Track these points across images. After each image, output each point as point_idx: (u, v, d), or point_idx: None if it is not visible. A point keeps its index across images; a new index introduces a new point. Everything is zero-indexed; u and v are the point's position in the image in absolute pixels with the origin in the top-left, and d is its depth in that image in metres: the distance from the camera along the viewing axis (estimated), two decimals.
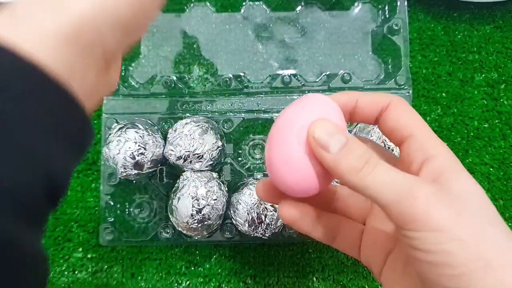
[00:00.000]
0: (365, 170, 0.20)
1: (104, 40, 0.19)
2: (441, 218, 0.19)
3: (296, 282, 0.41)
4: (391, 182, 0.20)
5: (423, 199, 0.19)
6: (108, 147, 0.37)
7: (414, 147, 0.23)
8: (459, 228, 0.19)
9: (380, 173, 0.20)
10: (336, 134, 0.21)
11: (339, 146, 0.21)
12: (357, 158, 0.21)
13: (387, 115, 0.24)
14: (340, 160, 0.21)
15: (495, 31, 0.46)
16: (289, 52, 0.43)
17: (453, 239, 0.19)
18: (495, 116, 0.44)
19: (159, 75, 0.43)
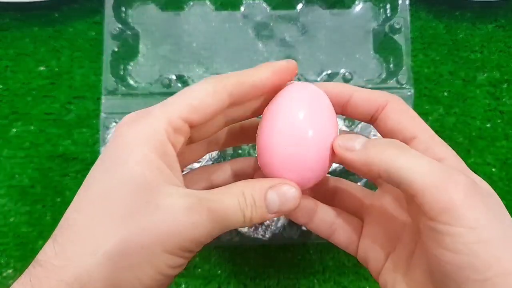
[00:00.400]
0: (395, 152, 0.20)
1: (154, 260, 0.19)
2: (477, 214, 0.18)
3: (296, 284, 0.40)
4: (429, 165, 0.19)
5: (463, 189, 0.18)
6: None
7: (419, 149, 0.22)
8: (489, 228, 0.18)
9: (415, 154, 0.19)
10: (358, 138, 0.22)
11: (362, 143, 0.21)
12: (384, 143, 0.20)
13: (386, 115, 0.23)
14: (367, 150, 0.21)
15: (497, 30, 0.45)
16: (289, 51, 0.43)
17: (482, 240, 0.18)
18: (497, 115, 0.44)
19: (158, 74, 0.43)
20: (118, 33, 0.41)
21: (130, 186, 0.19)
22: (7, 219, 0.42)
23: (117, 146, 0.20)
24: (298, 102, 0.22)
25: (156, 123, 0.20)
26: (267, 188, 0.21)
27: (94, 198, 0.19)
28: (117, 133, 0.20)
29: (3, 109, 0.44)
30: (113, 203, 0.19)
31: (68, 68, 0.44)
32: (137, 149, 0.19)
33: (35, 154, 0.43)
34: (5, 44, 0.45)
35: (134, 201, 0.19)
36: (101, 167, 0.20)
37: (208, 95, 0.21)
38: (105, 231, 0.18)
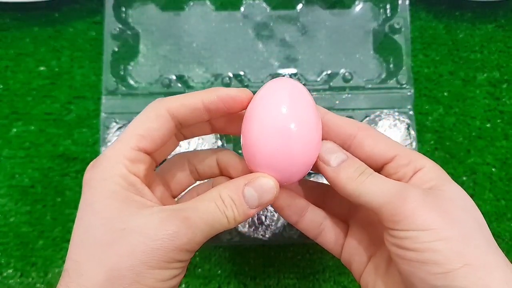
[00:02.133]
0: (360, 179, 0.23)
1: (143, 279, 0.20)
2: (429, 218, 0.20)
3: (296, 284, 0.40)
4: (383, 187, 0.22)
5: (412, 200, 0.21)
6: (107, 146, 0.36)
7: (402, 163, 0.24)
8: (446, 228, 0.20)
9: (373, 180, 0.23)
10: (337, 152, 0.24)
11: (338, 161, 0.24)
12: (353, 170, 0.23)
13: (360, 142, 0.25)
14: (339, 172, 0.23)
15: (497, 30, 0.45)
16: (289, 51, 0.43)
17: (440, 238, 0.20)
18: (497, 115, 0.44)
19: (158, 74, 0.43)
20: (118, 33, 0.41)
21: (103, 222, 0.21)
22: (7, 219, 0.42)
23: (85, 192, 0.22)
24: (279, 97, 0.22)
25: (113, 161, 0.22)
26: (243, 185, 0.23)
27: (78, 241, 0.21)
28: (84, 181, 0.22)
29: (3, 109, 0.44)
30: (94, 240, 0.21)
31: (68, 68, 0.44)
32: (102, 190, 0.21)
33: (35, 154, 0.43)
34: (5, 44, 0.45)
35: (110, 233, 0.20)
36: (79, 214, 0.22)
37: (152, 121, 0.23)
38: (93, 265, 0.20)
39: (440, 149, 0.43)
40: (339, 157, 0.24)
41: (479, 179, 0.42)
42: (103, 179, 0.21)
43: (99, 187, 0.21)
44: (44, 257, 0.41)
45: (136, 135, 0.22)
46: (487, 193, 0.42)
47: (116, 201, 0.21)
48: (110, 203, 0.21)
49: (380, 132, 0.25)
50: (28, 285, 0.41)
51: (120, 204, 0.21)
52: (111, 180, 0.21)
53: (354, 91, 0.40)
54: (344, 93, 0.40)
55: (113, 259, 0.20)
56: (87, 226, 0.21)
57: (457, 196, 0.22)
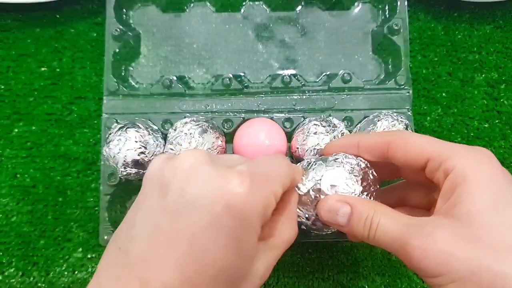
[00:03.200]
0: (371, 234, 0.24)
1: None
2: (434, 266, 0.21)
3: (295, 282, 0.41)
4: (389, 240, 0.23)
5: (414, 253, 0.21)
6: (108, 146, 0.36)
7: (434, 167, 0.23)
8: (452, 269, 0.20)
9: (380, 234, 0.23)
10: (340, 208, 0.25)
11: (346, 218, 0.25)
12: (362, 227, 0.24)
13: (393, 154, 0.25)
14: (352, 231, 0.25)
15: (495, 31, 0.46)
16: (289, 52, 0.43)
17: (451, 280, 0.20)
18: (495, 116, 0.44)
19: (159, 75, 0.43)
20: (119, 34, 0.41)
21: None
22: (9, 219, 0.42)
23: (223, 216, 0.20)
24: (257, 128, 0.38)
25: (269, 196, 0.22)
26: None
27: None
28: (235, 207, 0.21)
29: (5, 109, 0.44)
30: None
31: (69, 68, 0.45)
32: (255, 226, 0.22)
33: (36, 154, 0.43)
34: (7, 45, 0.45)
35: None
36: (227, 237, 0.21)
37: (287, 175, 0.25)
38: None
39: None
40: (344, 213, 0.25)
41: None
42: (247, 223, 0.21)
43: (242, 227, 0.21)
44: (46, 257, 0.41)
45: (282, 183, 0.24)
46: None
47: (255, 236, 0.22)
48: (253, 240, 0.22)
49: (413, 135, 0.25)
50: (30, 284, 0.41)
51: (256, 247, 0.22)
52: (252, 228, 0.22)
53: (353, 92, 0.41)
54: (343, 94, 0.41)
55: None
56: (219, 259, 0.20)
57: (471, 216, 0.21)
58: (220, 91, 0.41)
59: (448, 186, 0.22)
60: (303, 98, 0.41)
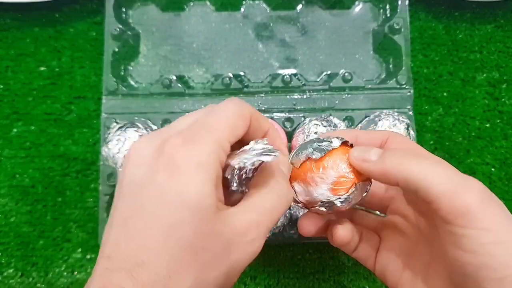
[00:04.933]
0: (412, 161, 0.21)
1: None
2: (492, 217, 0.19)
3: (296, 283, 0.41)
4: (445, 172, 0.20)
5: (478, 194, 0.19)
6: (107, 146, 0.36)
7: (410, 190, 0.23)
8: (505, 230, 0.19)
9: (431, 162, 0.21)
10: (372, 149, 0.23)
11: (378, 154, 0.22)
12: (399, 154, 0.21)
13: (388, 148, 0.25)
14: (383, 161, 0.22)
15: (496, 30, 0.45)
16: (289, 52, 0.43)
17: (499, 241, 0.19)
18: (496, 115, 0.44)
19: (158, 75, 0.43)
20: (119, 34, 0.41)
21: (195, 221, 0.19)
22: (8, 219, 0.42)
23: (174, 172, 0.19)
24: None
25: (210, 147, 0.20)
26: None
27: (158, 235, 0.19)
28: (171, 157, 0.20)
29: (4, 109, 0.44)
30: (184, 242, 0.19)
31: (68, 68, 0.44)
32: (197, 177, 0.19)
33: (36, 154, 0.43)
34: (6, 44, 0.45)
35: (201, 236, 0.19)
36: (160, 198, 0.19)
37: (239, 119, 0.22)
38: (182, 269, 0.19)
39: (439, 149, 0.43)
40: (376, 152, 0.23)
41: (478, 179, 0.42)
42: (199, 164, 0.19)
43: (194, 173, 0.19)
44: (45, 257, 0.41)
45: (229, 127, 0.21)
46: None
47: (209, 197, 0.19)
48: (204, 198, 0.19)
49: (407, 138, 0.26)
50: (29, 285, 0.41)
51: (214, 201, 0.19)
52: (208, 167, 0.19)
53: (353, 91, 0.40)
54: (344, 93, 0.40)
55: (202, 269, 0.19)
56: (175, 222, 0.19)
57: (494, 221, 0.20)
58: (220, 90, 0.41)
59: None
60: (303, 98, 0.41)
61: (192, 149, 0.20)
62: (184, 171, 0.19)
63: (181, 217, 0.19)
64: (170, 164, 0.19)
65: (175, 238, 0.19)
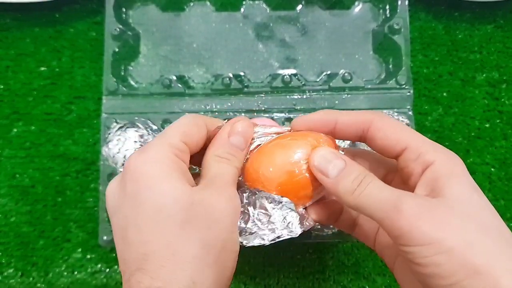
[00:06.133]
0: (358, 191, 0.22)
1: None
2: (427, 231, 0.20)
3: (296, 283, 0.41)
4: (379, 200, 0.22)
5: (407, 214, 0.20)
6: (107, 146, 0.36)
7: (411, 158, 0.23)
8: (446, 239, 0.20)
9: (369, 192, 0.22)
10: (334, 160, 0.23)
11: (336, 171, 0.23)
12: (351, 181, 0.23)
13: (372, 133, 0.25)
14: (337, 184, 0.23)
15: (496, 31, 0.45)
16: (289, 52, 0.43)
17: (441, 251, 0.20)
18: (496, 115, 0.44)
19: (158, 75, 0.43)
20: (119, 34, 0.41)
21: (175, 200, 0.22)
22: (8, 219, 0.42)
23: (139, 177, 0.23)
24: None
25: (161, 148, 0.24)
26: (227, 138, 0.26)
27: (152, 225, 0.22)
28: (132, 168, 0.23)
29: (4, 109, 0.44)
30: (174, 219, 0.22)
31: (68, 68, 0.44)
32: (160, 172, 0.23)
33: (35, 154, 0.43)
34: (6, 44, 0.45)
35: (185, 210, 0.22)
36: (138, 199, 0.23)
37: (192, 126, 0.25)
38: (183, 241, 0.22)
39: None
40: (336, 165, 0.23)
41: (478, 179, 0.42)
42: (156, 161, 0.23)
43: (155, 170, 0.23)
44: (45, 257, 0.41)
45: (180, 131, 0.25)
46: (486, 193, 0.42)
47: (176, 180, 0.23)
48: (172, 183, 0.22)
49: (394, 121, 0.25)
50: (29, 284, 0.41)
51: (182, 183, 0.23)
52: (163, 162, 0.23)
53: (353, 92, 0.40)
54: (343, 94, 0.41)
55: (201, 233, 0.22)
56: (157, 208, 0.22)
57: (459, 200, 0.21)
58: (220, 90, 0.41)
59: (429, 176, 0.22)
60: (303, 98, 0.41)
61: (145, 155, 0.23)
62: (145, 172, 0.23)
63: (162, 202, 0.22)
64: (132, 174, 0.23)
65: (164, 221, 0.22)
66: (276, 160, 0.25)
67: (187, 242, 0.22)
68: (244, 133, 0.26)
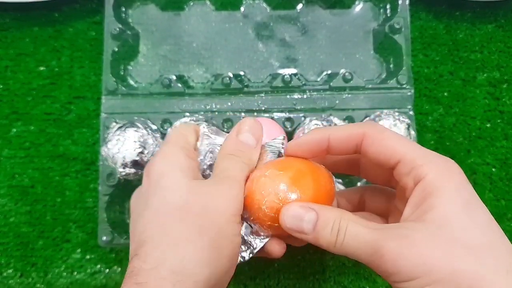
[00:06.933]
0: (338, 242, 0.23)
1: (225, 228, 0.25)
2: (413, 268, 0.20)
3: (296, 284, 0.40)
4: (359, 247, 0.22)
5: (389, 258, 0.21)
6: (107, 146, 0.36)
7: (403, 172, 0.23)
8: (433, 270, 0.20)
9: (348, 240, 0.22)
10: (304, 214, 0.23)
11: (311, 226, 0.23)
12: (329, 233, 0.23)
13: (366, 148, 0.25)
14: (318, 239, 0.23)
15: (497, 30, 0.45)
16: (289, 51, 0.43)
17: (431, 282, 0.20)
18: (497, 115, 0.44)
19: (158, 75, 0.43)
20: (118, 33, 0.41)
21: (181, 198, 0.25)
22: (7, 219, 0.42)
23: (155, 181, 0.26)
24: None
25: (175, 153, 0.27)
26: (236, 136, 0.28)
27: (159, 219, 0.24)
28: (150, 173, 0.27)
29: (3, 109, 0.44)
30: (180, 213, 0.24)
31: (68, 68, 0.44)
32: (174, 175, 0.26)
33: (35, 154, 0.43)
34: (5, 44, 0.45)
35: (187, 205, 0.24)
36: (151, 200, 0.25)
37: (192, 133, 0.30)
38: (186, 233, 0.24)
39: (440, 149, 0.43)
40: (309, 220, 0.23)
41: (479, 179, 0.42)
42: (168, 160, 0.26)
43: (166, 167, 0.26)
44: (44, 257, 0.41)
45: (182, 135, 0.29)
46: (487, 193, 0.42)
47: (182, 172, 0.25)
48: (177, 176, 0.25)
49: (386, 133, 0.24)
50: (28, 285, 0.41)
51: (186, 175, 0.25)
52: (175, 162, 0.26)
53: (354, 91, 0.40)
54: (344, 93, 0.40)
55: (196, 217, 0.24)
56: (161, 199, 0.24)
57: (447, 221, 0.21)
58: (220, 90, 0.41)
59: (419, 193, 0.22)
60: (303, 98, 0.40)
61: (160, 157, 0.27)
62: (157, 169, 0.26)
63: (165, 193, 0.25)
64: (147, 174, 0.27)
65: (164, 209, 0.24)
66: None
67: (180, 225, 0.23)
68: (252, 129, 0.28)
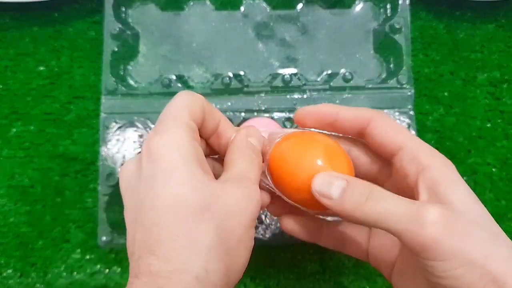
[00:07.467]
0: (369, 205, 0.21)
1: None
2: (451, 246, 0.20)
3: (296, 284, 0.40)
4: (397, 212, 0.21)
5: (430, 228, 0.20)
6: (106, 146, 0.36)
7: (407, 158, 0.23)
8: (467, 251, 0.20)
9: (384, 204, 0.21)
10: (335, 181, 0.23)
11: (339, 191, 0.22)
12: (358, 196, 0.22)
13: (372, 130, 0.25)
14: (343, 203, 0.22)
15: (497, 30, 0.45)
16: (289, 51, 0.43)
17: (462, 264, 0.20)
18: (497, 115, 0.44)
19: (158, 75, 0.43)
20: (118, 33, 0.41)
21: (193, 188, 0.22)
22: (7, 219, 0.42)
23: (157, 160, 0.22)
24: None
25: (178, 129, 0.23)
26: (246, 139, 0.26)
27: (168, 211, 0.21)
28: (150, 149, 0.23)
29: (3, 109, 0.44)
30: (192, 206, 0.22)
31: (68, 68, 0.44)
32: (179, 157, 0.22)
33: (35, 154, 0.43)
34: (5, 44, 0.45)
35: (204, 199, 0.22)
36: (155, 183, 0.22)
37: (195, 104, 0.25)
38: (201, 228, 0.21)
39: (440, 149, 0.42)
40: (338, 186, 0.22)
41: (479, 179, 0.42)
42: (174, 144, 0.22)
43: (174, 154, 0.22)
44: (44, 257, 0.41)
45: (188, 111, 0.24)
46: (488, 193, 0.42)
47: (196, 167, 0.22)
48: (191, 170, 0.22)
49: (393, 121, 0.25)
50: (28, 285, 0.41)
51: (201, 172, 0.22)
52: (183, 146, 0.22)
53: (354, 91, 0.40)
54: (344, 93, 0.40)
55: (218, 224, 0.22)
56: (175, 195, 0.21)
57: (469, 205, 0.21)
58: (220, 90, 0.41)
59: (429, 179, 0.22)
60: (303, 98, 0.40)
61: (163, 137, 0.23)
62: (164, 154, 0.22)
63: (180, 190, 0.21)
64: (149, 155, 0.22)
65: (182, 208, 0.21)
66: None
67: (203, 231, 0.21)
68: (259, 139, 0.27)
